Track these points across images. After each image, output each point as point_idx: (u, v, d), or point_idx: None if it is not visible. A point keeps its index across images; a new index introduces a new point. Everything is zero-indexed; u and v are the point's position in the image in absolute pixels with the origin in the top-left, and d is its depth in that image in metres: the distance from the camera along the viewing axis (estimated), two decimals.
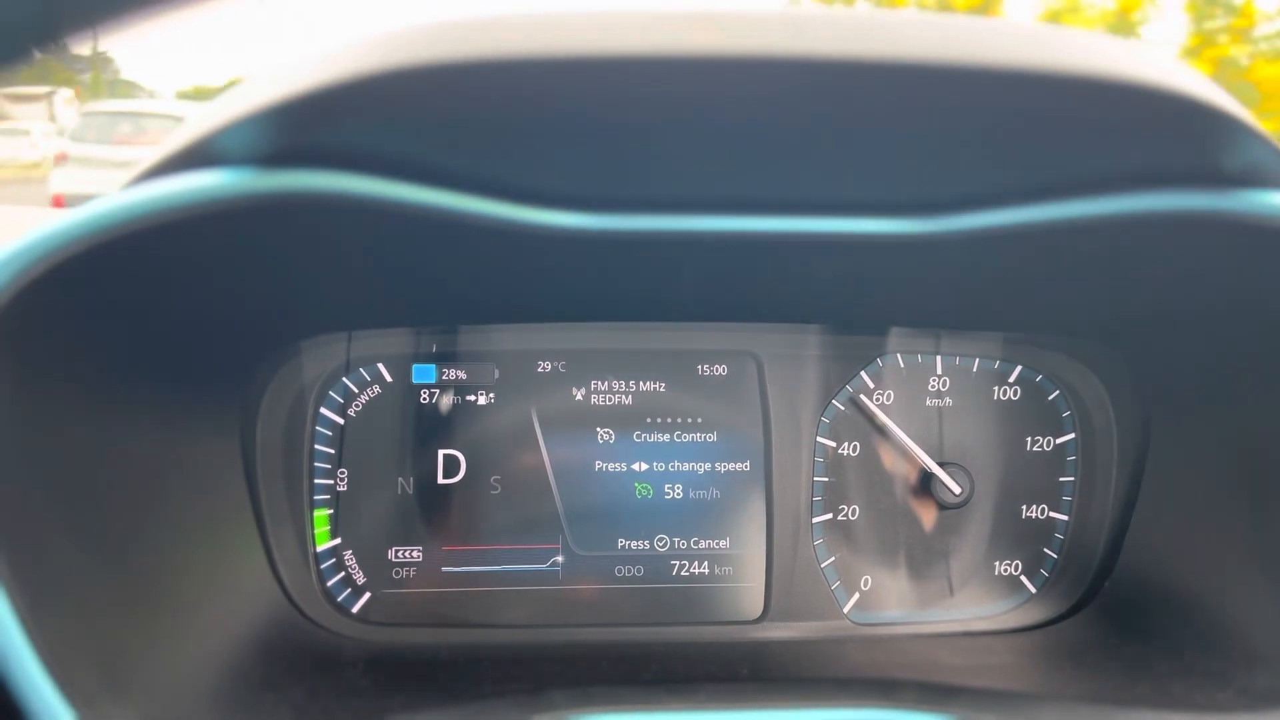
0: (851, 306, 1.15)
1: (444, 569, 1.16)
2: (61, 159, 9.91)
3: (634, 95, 0.63)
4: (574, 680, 0.95)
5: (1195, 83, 0.66)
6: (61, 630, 0.67)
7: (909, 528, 1.22)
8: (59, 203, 8.57)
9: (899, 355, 1.22)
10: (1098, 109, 0.65)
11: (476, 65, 0.59)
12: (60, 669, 0.64)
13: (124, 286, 0.76)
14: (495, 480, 1.18)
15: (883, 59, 0.60)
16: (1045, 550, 1.22)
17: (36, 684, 0.63)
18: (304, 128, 0.66)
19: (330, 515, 1.15)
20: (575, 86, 0.62)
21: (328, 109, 0.63)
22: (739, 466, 1.21)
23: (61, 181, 9.38)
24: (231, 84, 0.72)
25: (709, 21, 0.61)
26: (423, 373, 1.18)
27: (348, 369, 1.16)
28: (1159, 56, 0.69)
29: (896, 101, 0.65)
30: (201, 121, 0.69)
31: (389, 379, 1.17)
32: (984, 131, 0.70)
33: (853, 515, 1.21)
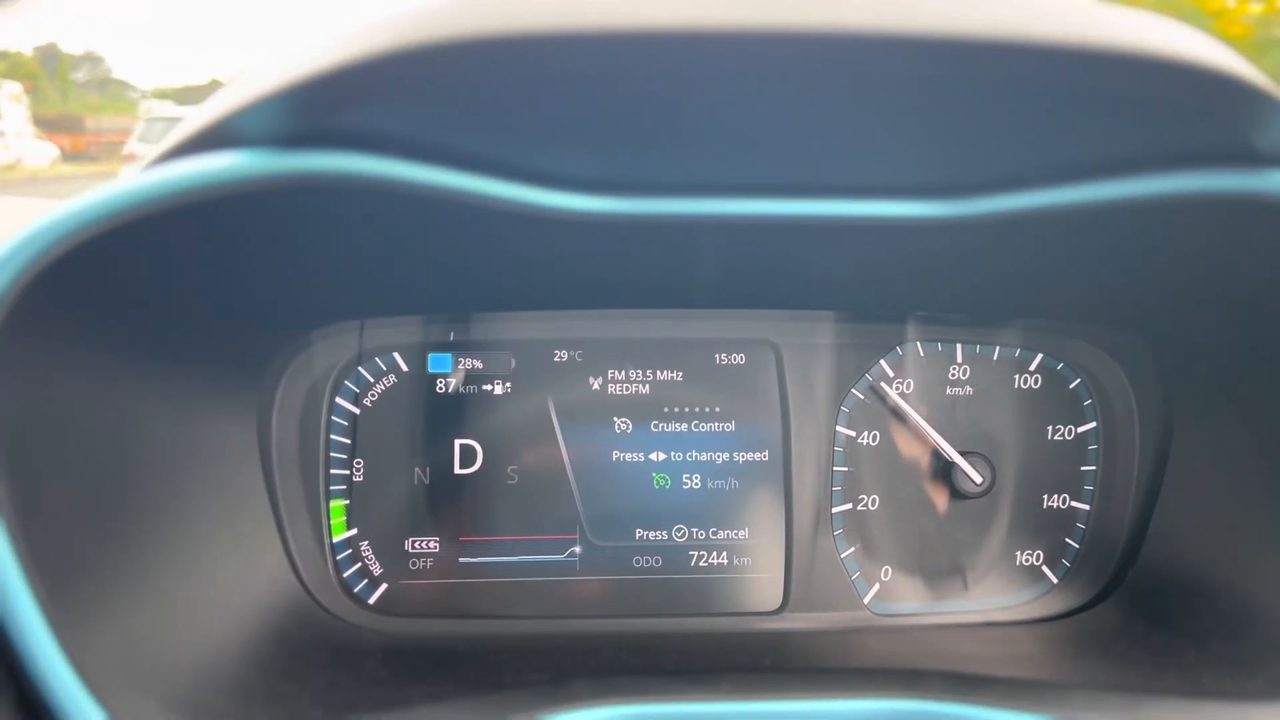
0: (871, 293, 1.14)
1: (461, 560, 1.15)
2: (130, 158, 12.36)
3: (654, 72, 0.62)
4: (595, 671, 0.94)
5: (1229, 58, 0.64)
6: (84, 622, 0.67)
7: (929, 518, 1.21)
8: None
9: (919, 343, 1.21)
10: (1128, 85, 0.64)
11: (496, 41, 0.58)
12: (83, 661, 0.64)
13: (140, 271, 0.75)
14: (512, 470, 1.17)
15: (907, 33, 0.59)
16: (1067, 540, 1.21)
17: (61, 675, 0.63)
18: (323, 108, 0.65)
19: (346, 506, 1.14)
20: (595, 63, 0.60)
21: (347, 88, 0.62)
22: (757, 456, 1.20)
23: None
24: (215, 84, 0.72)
25: None
26: (439, 362, 1.17)
27: (363, 358, 1.15)
28: (1190, 31, 0.68)
29: (920, 77, 0.64)
30: (220, 103, 0.68)
31: (404, 368, 1.16)
32: (1011, 109, 0.69)
33: (872, 505, 1.20)
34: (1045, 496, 1.21)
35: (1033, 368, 1.22)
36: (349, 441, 1.14)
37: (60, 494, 0.71)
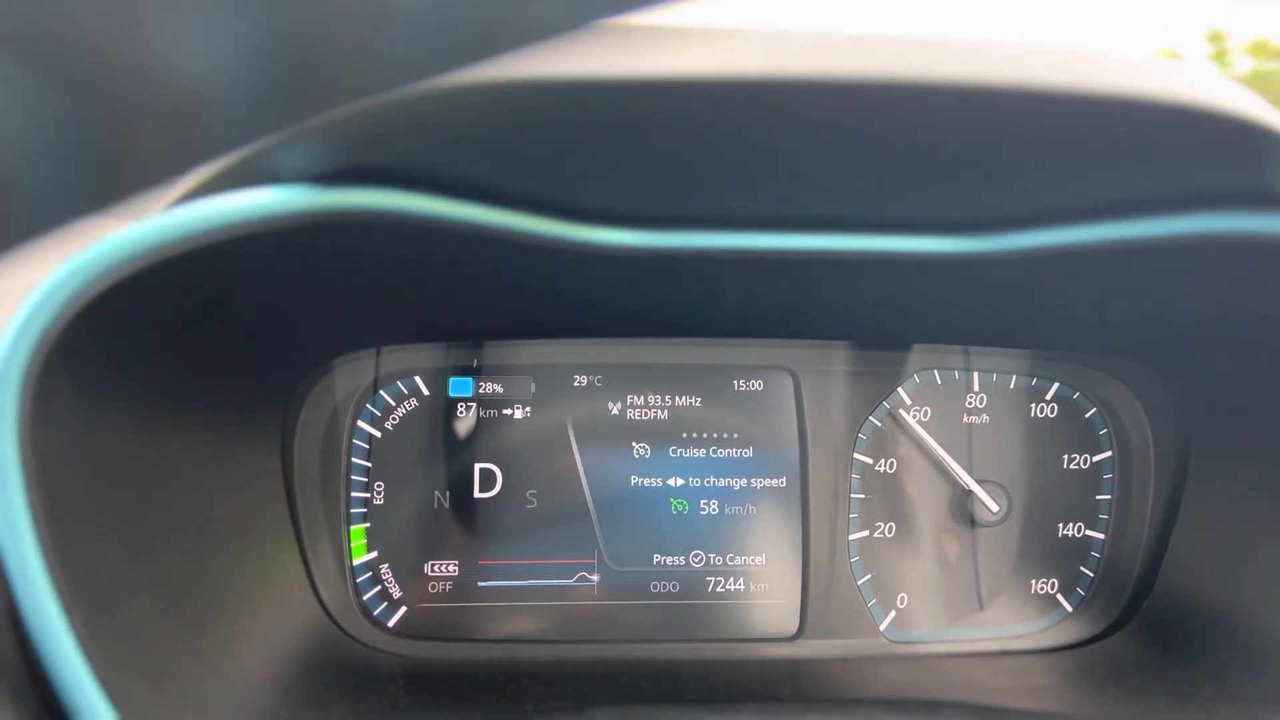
0: (891, 323, 1.15)
1: (479, 583, 1.16)
2: None
3: (686, 117, 0.63)
4: (615, 699, 0.95)
5: (1249, 104, 0.65)
6: (116, 647, 0.67)
7: (945, 545, 1.21)
8: None
9: (936, 371, 1.22)
10: (1150, 131, 0.65)
11: (533, 86, 0.59)
12: (115, 686, 0.65)
13: (172, 304, 0.76)
14: (531, 494, 1.18)
15: (934, 80, 0.60)
16: (1082, 569, 1.22)
17: (93, 702, 0.63)
18: (359, 146, 0.66)
19: (367, 529, 1.15)
20: (629, 107, 0.62)
21: (383, 127, 0.63)
22: (775, 482, 1.20)
23: None
24: None
25: (760, 43, 0.61)
26: (459, 386, 1.18)
27: (384, 382, 1.16)
28: (1213, 77, 0.69)
29: (948, 122, 0.65)
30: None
31: (425, 392, 1.17)
32: (1036, 152, 0.70)
33: (889, 533, 1.21)
34: (1060, 525, 1.22)
35: (1049, 396, 1.22)
36: (370, 465, 1.15)
37: (96, 521, 0.71)
